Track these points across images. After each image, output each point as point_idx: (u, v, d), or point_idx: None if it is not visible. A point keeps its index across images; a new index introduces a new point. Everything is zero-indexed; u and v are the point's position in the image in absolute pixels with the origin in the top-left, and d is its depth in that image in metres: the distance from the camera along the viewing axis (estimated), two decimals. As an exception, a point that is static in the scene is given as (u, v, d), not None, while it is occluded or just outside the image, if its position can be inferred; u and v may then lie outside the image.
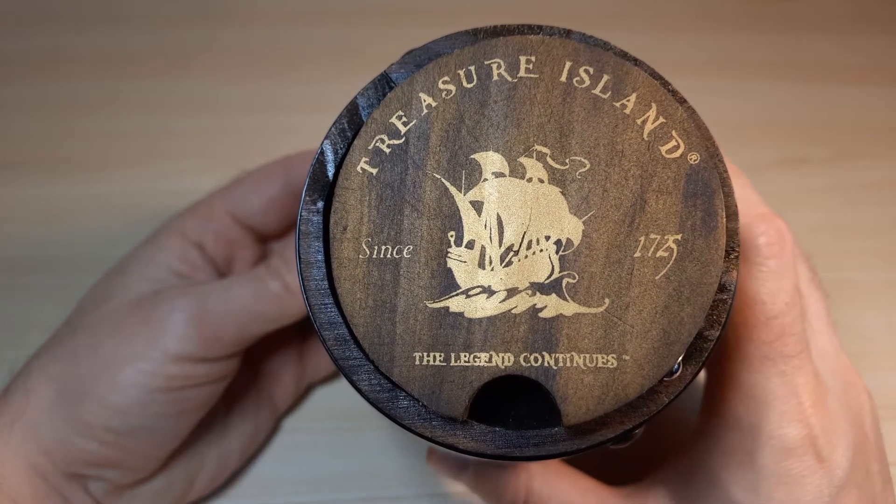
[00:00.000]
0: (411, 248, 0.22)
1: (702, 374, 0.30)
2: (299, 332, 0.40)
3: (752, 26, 0.57)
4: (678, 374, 0.21)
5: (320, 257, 0.23)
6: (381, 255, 0.22)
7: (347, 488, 0.39)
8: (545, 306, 0.21)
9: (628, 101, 0.22)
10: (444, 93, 0.23)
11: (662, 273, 0.21)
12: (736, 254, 0.22)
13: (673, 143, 0.22)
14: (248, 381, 0.39)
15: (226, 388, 0.37)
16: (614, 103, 0.22)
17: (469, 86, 0.23)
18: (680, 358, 0.21)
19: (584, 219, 0.22)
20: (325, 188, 0.23)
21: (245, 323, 0.33)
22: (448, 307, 0.22)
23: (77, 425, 0.31)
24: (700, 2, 0.58)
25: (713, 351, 0.22)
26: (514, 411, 0.22)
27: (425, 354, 0.21)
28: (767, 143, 0.52)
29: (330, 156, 0.23)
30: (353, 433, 0.41)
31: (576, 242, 0.22)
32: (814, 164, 0.52)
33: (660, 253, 0.21)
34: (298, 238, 0.23)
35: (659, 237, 0.21)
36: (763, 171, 0.51)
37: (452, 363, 0.21)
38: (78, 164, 0.50)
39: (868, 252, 0.48)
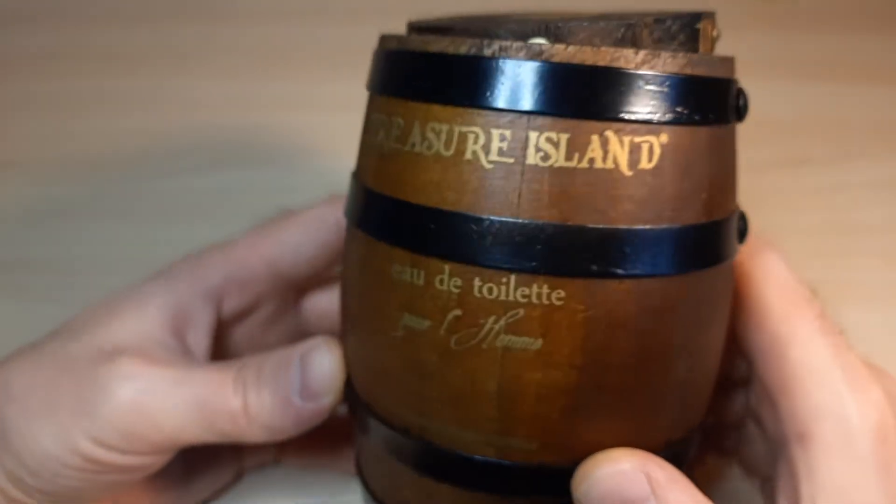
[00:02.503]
0: None
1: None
2: None
3: (751, 26, 0.57)
4: None
5: None
6: None
7: (343, 492, 0.39)
8: None
9: None
10: None
11: None
12: None
13: None
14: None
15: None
16: None
17: None
18: None
19: None
20: None
21: (183, 429, 0.29)
22: None
23: None
24: (699, 2, 0.58)
25: None
26: None
27: None
28: (768, 143, 0.52)
29: None
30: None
31: None
32: (815, 163, 0.52)
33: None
34: None
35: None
36: (763, 171, 0.51)
37: None
38: (78, 163, 0.50)
39: (868, 252, 0.48)
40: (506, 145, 0.23)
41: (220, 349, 0.35)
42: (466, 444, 0.26)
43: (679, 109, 0.24)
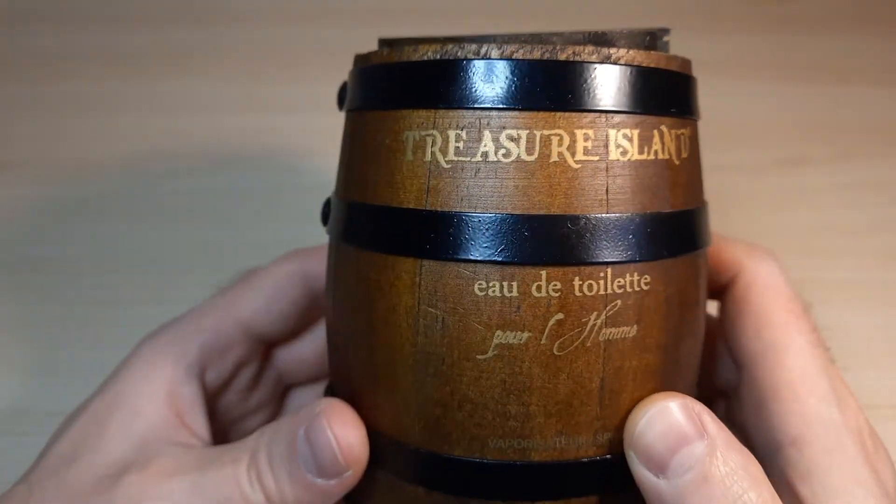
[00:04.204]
0: None
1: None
2: None
3: (752, 26, 0.57)
4: None
5: None
6: None
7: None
8: None
9: None
10: None
11: None
12: None
13: None
14: None
15: None
16: None
17: None
18: None
19: None
20: None
21: None
22: None
23: None
24: (700, 2, 0.58)
25: None
26: None
27: None
28: (767, 143, 0.52)
29: None
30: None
31: None
32: (814, 164, 0.52)
33: None
34: None
35: None
36: (763, 171, 0.51)
37: None
38: (77, 164, 0.50)
39: (868, 252, 0.48)
40: (590, 144, 0.25)
41: (212, 422, 0.34)
42: (572, 450, 0.26)
43: (692, 105, 0.28)
